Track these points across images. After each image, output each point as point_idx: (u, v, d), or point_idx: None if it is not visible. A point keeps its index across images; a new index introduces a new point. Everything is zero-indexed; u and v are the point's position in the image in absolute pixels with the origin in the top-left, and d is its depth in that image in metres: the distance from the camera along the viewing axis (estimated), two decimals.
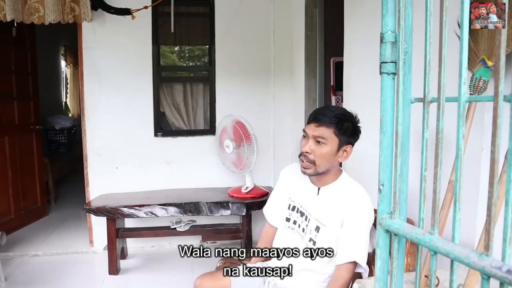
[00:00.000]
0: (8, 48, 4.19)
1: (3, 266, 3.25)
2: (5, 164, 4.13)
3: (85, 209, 3.26)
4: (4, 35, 4.04)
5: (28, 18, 3.31)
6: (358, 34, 2.36)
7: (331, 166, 1.72)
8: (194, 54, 4.32)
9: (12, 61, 4.26)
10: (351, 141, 1.71)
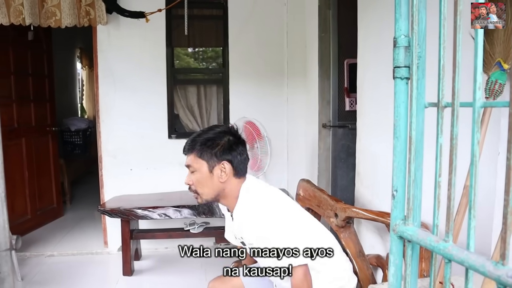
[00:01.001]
0: (25, 51, 4.26)
1: (19, 265, 3.31)
2: (22, 166, 4.19)
3: (100, 210, 3.30)
4: (21, 39, 4.12)
5: (45, 22, 3.37)
6: (372, 37, 2.35)
7: (221, 189, 1.60)
8: (208, 56, 4.34)
9: (29, 64, 4.34)
10: (226, 157, 1.57)
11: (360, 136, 2.55)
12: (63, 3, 3.35)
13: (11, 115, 4.08)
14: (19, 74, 4.17)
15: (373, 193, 2.36)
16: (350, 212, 1.99)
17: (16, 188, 4.08)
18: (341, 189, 3.40)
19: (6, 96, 3.99)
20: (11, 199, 3.97)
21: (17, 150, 4.13)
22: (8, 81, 4.04)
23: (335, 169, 3.41)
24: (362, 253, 2.01)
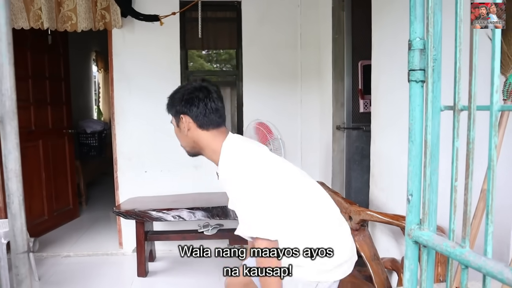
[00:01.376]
0: (42, 55, 4.33)
1: (37, 266, 3.36)
2: (39, 167, 4.26)
3: (115, 212, 3.33)
4: (39, 43, 4.19)
5: (62, 26, 3.43)
6: (386, 39, 2.33)
7: (192, 142, 1.69)
8: (222, 58, 4.35)
9: (46, 67, 4.40)
10: (181, 110, 1.65)
11: (374, 138, 2.53)
12: (79, 7, 3.40)
13: (29, 118, 4.15)
14: (36, 78, 4.24)
15: (388, 195, 2.34)
16: (364, 215, 1.97)
17: (33, 189, 4.14)
18: (355, 191, 3.37)
19: (24, 99, 4.06)
20: (29, 200, 4.04)
21: (34, 152, 4.20)
22: (26, 85, 4.11)
23: (349, 171, 3.39)
24: (376, 256, 2.00)
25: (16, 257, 0.70)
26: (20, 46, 3.97)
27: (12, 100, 0.63)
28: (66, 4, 3.41)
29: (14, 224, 0.68)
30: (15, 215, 0.67)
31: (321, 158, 3.82)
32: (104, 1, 3.48)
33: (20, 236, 0.70)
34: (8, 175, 0.65)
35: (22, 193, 0.67)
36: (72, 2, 3.40)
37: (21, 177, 0.67)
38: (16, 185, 0.66)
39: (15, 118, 0.64)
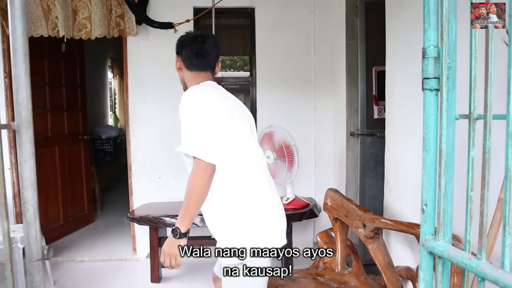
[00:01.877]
0: (59, 63, 4.40)
1: (52, 270, 3.40)
2: (55, 173, 4.32)
3: (129, 217, 3.35)
4: (55, 51, 4.26)
5: (77, 33, 3.49)
6: (400, 45, 2.31)
7: (181, 78, 2.03)
8: (236, 65, 4.37)
9: (62, 75, 4.48)
10: (177, 51, 1.99)
11: (389, 145, 2.50)
12: (94, 15, 3.46)
13: (46, 124, 4.22)
14: (53, 85, 4.31)
15: (402, 203, 2.31)
16: (378, 223, 1.95)
17: (49, 194, 4.20)
18: (369, 199, 3.34)
19: (41, 106, 4.13)
20: (45, 206, 4.10)
21: (51, 158, 4.26)
22: (43, 92, 4.18)
23: (363, 178, 3.36)
24: (391, 265, 1.97)
25: (31, 264, 0.71)
26: (38, 54, 4.05)
27: (27, 109, 0.64)
28: (81, 12, 3.47)
29: (29, 232, 0.69)
30: (30, 223, 0.68)
31: (335, 165, 3.79)
32: (119, 9, 3.53)
33: (35, 243, 0.71)
34: (24, 183, 0.66)
35: (37, 201, 0.68)
36: (87, 10, 3.46)
37: (36, 186, 0.68)
38: (31, 193, 0.67)
39: (30, 127, 0.65)
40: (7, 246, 0.63)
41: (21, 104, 0.63)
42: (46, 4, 3.42)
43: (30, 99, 0.64)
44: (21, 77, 0.63)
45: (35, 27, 3.44)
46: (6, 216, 0.61)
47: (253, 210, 1.68)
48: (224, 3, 3.41)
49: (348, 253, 2.41)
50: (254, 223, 1.67)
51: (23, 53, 0.62)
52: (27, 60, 0.63)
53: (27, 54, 0.63)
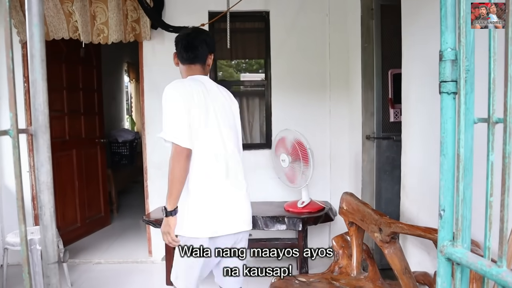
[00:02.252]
0: (76, 67, 4.47)
1: (69, 272, 3.44)
2: (73, 176, 4.38)
3: (145, 220, 3.37)
4: (73, 56, 4.33)
5: (96, 38, 3.55)
6: (417, 47, 2.29)
7: (180, 71, 2.20)
8: (250, 68, 4.38)
9: (80, 79, 4.54)
10: (175, 47, 2.14)
11: (405, 149, 2.47)
12: (111, 20, 3.51)
13: (63, 128, 4.28)
14: (71, 89, 4.38)
15: (419, 207, 2.28)
16: (395, 227, 1.93)
17: (67, 197, 4.26)
18: (385, 203, 3.31)
19: (59, 110, 4.20)
20: (63, 208, 4.15)
21: (68, 161, 4.32)
22: (61, 96, 4.25)
23: (379, 182, 3.33)
24: (408, 270, 1.94)
25: (47, 267, 0.72)
26: (56, 59, 4.12)
27: (44, 114, 0.64)
28: (99, 17, 3.52)
29: (46, 235, 0.69)
30: (46, 227, 0.69)
31: (351, 168, 3.76)
32: (134, 14, 3.57)
33: (51, 246, 0.72)
34: (40, 187, 0.67)
35: (54, 205, 0.68)
36: (104, 16, 3.51)
37: (53, 189, 0.69)
38: (48, 197, 0.67)
39: (47, 132, 0.65)
40: (24, 249, 0.64)
41: (38, 109, 0.64)
42: (66, 9, 3.48)
43: (47, 104, 0.65)
44: (38, 83, 0.63)
45: (56, 30, 3.51)
46: (24, 220, 0.62)
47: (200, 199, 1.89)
48: (239, 7, 3.42)
49: (364, 258, 2.39)
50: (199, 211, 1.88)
51: (40, 58, 0.63)
52: (44, 65, 0.63)
53: (44, 59, 0.64)
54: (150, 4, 3.55)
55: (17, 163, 0.61)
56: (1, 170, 3.77)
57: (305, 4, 3.83)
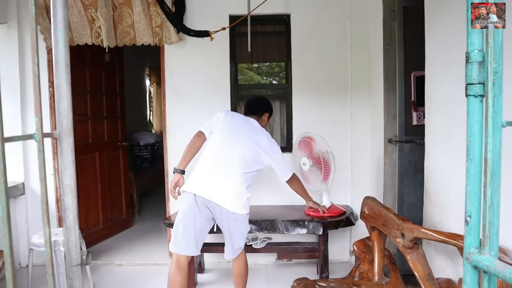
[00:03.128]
0: (100, 72, 4.55)
1: (92, 273, 3.49)
2: (95, 178, 4.45)
3: (166, 223, 3.40)
4: (96, 60, 4.41)
5: (121, 41, 3.62)
6: (441, 49, 2.25)
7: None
8: (271, 71, 4.37)
9: (103, 83, 4.62)
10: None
11: (428, 152, 2.43)
12: (137, 24, 3.58)
13: (87, 131, 4.36)
14: (94, 93, 4.46)
15: (443, 213, 2.23)
16: (418, 232, 1.89)
17: (90, 199, 4.33)
18: (408, 207, 3.25)
19: (82, 113, 4.27)
20: (86, 210, 4.22)
21: (91, 164, 4.39)
22: (85, 100, 4.33)
23: (401, 186, 3.27)
24: (431, 276, 1.90)
25: (71, 269, 0.73)
26: (80, 64, 4.20)
27: (68, 119, 0.65)
28: (124, 21, 3.59)
29: (69, 237, 0.70)
30: (70, 229, 0.70)
31: (372, 172, 3.72)
32: (158, 19, 3.62)
33: (74, 249, 0.73)
34: (64, 190, 0.68)
35: (77, 208, 0.69)
36: (130, 19, 3.58)
37: (76, 192, 0.70)
38: (71, 200, 0.68)
39: (71, 136, 0.66)
40: (48, 251, 0.64)
41: (62, 114, 0.65)
42: (90, 15, 3.55)
43: (71, 108, 0.66)
44: (62, 87, 0.64)
45: (80, 36, 3.59)
46: (48, 222, 0.63)
47: (196, 172, 2.78)
48: (260, 10, 3.42)
49: (385, 263, 2.35)
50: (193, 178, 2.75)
51: (64, 64, 0.64)
52: (68, 70, 0.64)
53: (69, 64, 0.65)
54: (172, 9, 3.59)
55: (42, 167, 0.62)
56: (27, 173, 3.85)
57: (326, 6, 3.81)
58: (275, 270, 3.74)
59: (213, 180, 2.68)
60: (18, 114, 3.78)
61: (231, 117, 2.87)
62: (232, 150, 2.73)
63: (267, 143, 2.81)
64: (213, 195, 2.62)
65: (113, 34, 3.58)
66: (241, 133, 2.79)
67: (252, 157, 2.75)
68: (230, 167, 2.70)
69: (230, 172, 2.69)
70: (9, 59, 3.74)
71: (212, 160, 2.75)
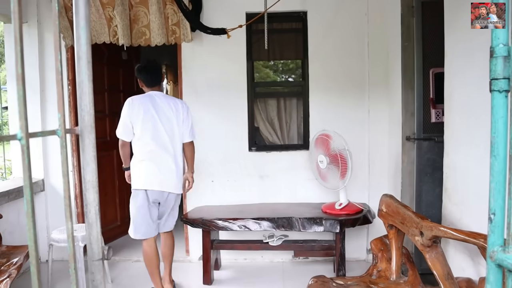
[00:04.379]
0: (117, 70, 4.60)
1: (110, 269, 3.53)
2: (113, 175, 4.50)
3: (183, 220, 3.42)
4: (114, 59, 4.45)
5: (136, 41, 3.64)
6: (461, 44, 2.21)
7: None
8: (288, 68, 4.36)
9: (120, 81, 4.66)
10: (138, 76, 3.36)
11: (448, 150, 2.39)
12: (152, 24, 3.59)
13: (104, 129, 4.41)
14: (112, 91, 4.50)
15: (463, 211, 2.20)
16: (437, 231, 1.87)
17: (108, 196, 4.38)
18: (426, 205, 3.21)
19: (100, 111, 4.32)
20: (104, 207, 4.27)
21: (109, 161, 4.44)
22: (103, 97, 4.38)
23: (419, 184, 3.23)
24: (450, 275, 1.88)
25: (92, 263, 0.74)
26: (98, 62, 4.24)
27: (90, 115, 0.66)
28: (140, 21, 3.61)
29: (91, 232, 0.71)
30: (91, 224, 0.71)
31: (390, 170, 3.68)
32: (174, 17, 3.64)
33: (96, 244, 0.73)
34: (86, 186, 0.68)
35: (98, 203, 0.70)
36: (146, 19, 3.60)
37: (97, 188, 0.70)
38: (93, 195, 0.69)
39: (92, 132, 0.67)
40: (71, 246, 0.65)
41: (84, 110, 0.66)
42: (107, 13, 3.59)
43: (93, 104, 0.66)
44: (84, 84, 0.65)
45: (98, 34, 3.63)
46: (70, 217, 0.64)
47: (140, 164, 2.99)
48: (277, 7, 3.41)
49: (403, 262, 2.33)
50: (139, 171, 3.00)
51: (86, 60, 0.65)
52: (90, 67, 0.65)
53: (90, 61, 0.65)
54: (189, 7, 3.60)
55: (65, 162, 0.63)
56: (46, 170, 3.92)
57: (343, 3, 3.78)
58: (292, 268, 3.74)
59: (159, 172, 2.97)
60: (38, 111, 3.85)
61: (138, 106, 3.02)
62: (164, 135, 3.00)
63: (183, 107, 3.11)
64: (162, 185, 2.99)
65: (129, 33, 3.61)
66: (162, 116, 3.02)
67: (179, 131, 3.07)
68: (170, 152, 3.02)
69: (171, 157, 3.02)
70: (30, 57, 3.80)
71: (151, 153, 2.97)
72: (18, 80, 0.54)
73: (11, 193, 3.50)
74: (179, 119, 3.07)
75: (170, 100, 3.11)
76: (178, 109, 3.07)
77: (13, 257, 2.73)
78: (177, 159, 3.05)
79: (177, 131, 3.05)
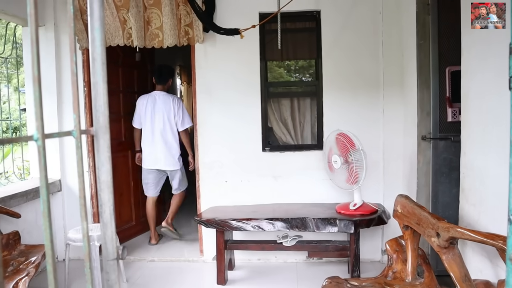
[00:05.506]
0: (131, 72, 4.64)
1: (125, 268, 3.57)
2: (128, 176, 4.54)
3: (196, 220, 3.44)
4: (129, 60, 4.49)
5: (150, 43, 3.66)
6: (479, 42, 2.17)
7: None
8: (301, 68, 4.34)
9: (135, 82, 4.71)
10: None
11: (465, 150, 2.36)
12: (165, 25, 3.61)
13: (119, 130, 4.45)
14: (126, 92, 4.55)
15: (480, 212, 2.16)
16: (454, 232, 1.84)
17: (123, 196, 4.42)
18: (442, 206, 3.17)
19: (115, 112, 4.37)
20: (119, 207, 4.32)
21: (124, 161, 4.48)
22: (117, 99, 4.42)
23: (435, 185, 3.20)
24: (468, 277, 1.85)
25: (107, 263, 0.74)
26: (113, 63, 4.29)
27: (105, 115, 0.66)
28: (153, 23, 3.64)
29: (106, 232, 0.72)
30: (106, 224, 0.71)
31: (405, 170, 3.64)
32: (187, 18, 3.65)
33: (111, 243, 0.74)
34: (101, 186, 0.69)
35: (113, 203, 0.70)
36: (159, 21, 3.62)
37: (112, 188, 0.71)
38: (108, 195, 0.69)
39: (107, 132, 0.67)
40: (86, 245, 0.66)
41: (99, 110, 0.66)
42: (122, 16, 3.62)
43: (107, 105, 0.67)
44: (99, 85, 0.66)
45: (112, 37, 3.66)
46: (86, 217, 0.64)
47: (144, 149, 4.23)
48: (290, 7, 3.40)
49: (419, 263, 2.30)
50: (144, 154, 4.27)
51: (101, 61, 0.65)
52: (104, 68, 0.66)
53: (105, 62, 0.66)
54: (202, 7, 3.61)
55: (80, 163, 0.64)
56: (63, 170, 3.97)
57: (357, 2, 3.76)
58: (306, 269, 3.73)
59: (153, 154, 4.20)
60: (55, 113, 3.90)
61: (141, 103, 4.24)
62: (157, 126, 4.15)
63: (174, 103, 4.19)
64: (156, 164, 4.23)
65: (143, 35, 3.64)
66: (157, 112, 4.15)
67: (171, 123, 4.17)
68: (163, 139, 4.17)
69: (163, 143, 4.19)
70: (47, 60, 3.86)
71: (147, 139, 4.20)
72: (35, 82, 0.54)
73: (29, 193, 3.56)
74: (171, 113, 4.13)
75: (166, 97, 4.16)
76: (171, 105, 4.13)
77: (31, 256, 2.77)
78: (168, 145, 4.17)
79: (169, 123, 4.13)
